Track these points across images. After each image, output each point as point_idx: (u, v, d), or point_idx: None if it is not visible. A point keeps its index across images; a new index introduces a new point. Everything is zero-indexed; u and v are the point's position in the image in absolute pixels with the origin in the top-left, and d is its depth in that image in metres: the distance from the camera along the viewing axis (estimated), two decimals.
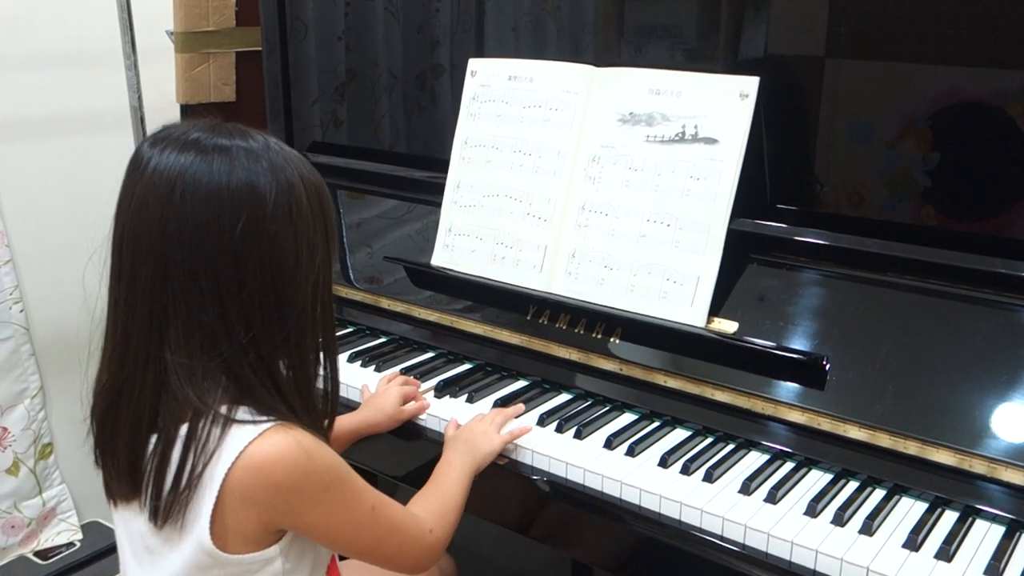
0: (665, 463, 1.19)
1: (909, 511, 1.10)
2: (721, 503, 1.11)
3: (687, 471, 1.18)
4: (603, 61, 1.44)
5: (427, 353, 1.56)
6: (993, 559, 1.01)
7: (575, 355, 1.40)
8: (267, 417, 0.94)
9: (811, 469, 1.19)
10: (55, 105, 2.19)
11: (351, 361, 1.53)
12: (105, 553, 2.23)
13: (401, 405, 1.35)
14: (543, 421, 1.31)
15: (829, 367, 1.20)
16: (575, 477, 1.21)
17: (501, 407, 1.34)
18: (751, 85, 1.29)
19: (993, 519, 1.08)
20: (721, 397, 1.26)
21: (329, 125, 1.87)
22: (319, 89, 1.86)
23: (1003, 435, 1.08)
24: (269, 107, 1.90)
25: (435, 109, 1.71)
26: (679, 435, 1.28)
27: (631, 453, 1.22)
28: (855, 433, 1.16)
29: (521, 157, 1.49)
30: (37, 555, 2.23)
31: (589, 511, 1.18)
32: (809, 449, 1.19)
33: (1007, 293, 1.14)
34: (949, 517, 1.09)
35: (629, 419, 1.32)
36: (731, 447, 1.24)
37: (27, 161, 2.15)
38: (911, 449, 1.12)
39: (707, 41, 1.39)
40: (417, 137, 1.77)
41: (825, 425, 1.18)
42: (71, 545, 2.27)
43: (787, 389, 1.22)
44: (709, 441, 1.26)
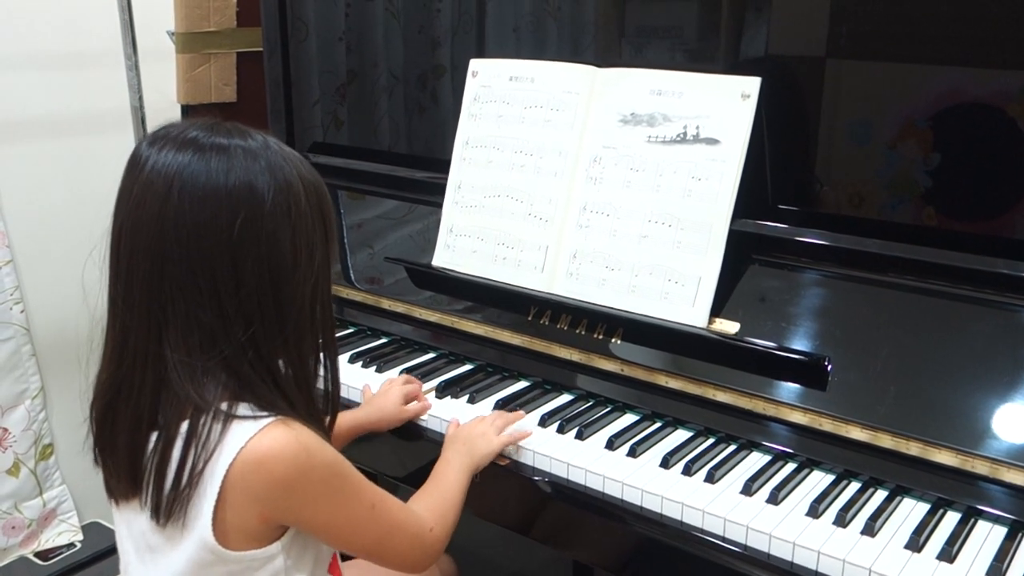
0: (667, 464, 1.19)
1: (911, 512, 1.10)
2: (723, 504, 1.11)
3: (689, 472, 1.18)
4: (604, 62, 1.44)
5: (428, 354, 1.55)
6: (995, 560, 1.01)
7: (576, 356, 1.39)
8: (267, 412, 0.94)
9: (813, 470, 1.19)
10: (56, 105, 2.18)
11: (352, 362, 1.53)
12: (106, 554, 2.22)
13: (403, 404, 1.35)
14: (544, 422, 1.31)
15: (831, 368, 1.20)
16: (576, 478, 1.21)
17: (502, 408, 1.34)
18: (752, 86, 1.28)
19: (995, 520, 1.08)
20: (723, 398, 1.26)
21: (330, 126, 1.87)
22: (320, 90, 1.86)
23: (1005, 436, 1.08)
24: (270, 108, 1.90)
25: (436, 110, 1.71)
26: (681, 436, 1.28)
27: (632, 454, 1.22)
28: (857, 434, 1.15)
29: (522, 158, 1.49)
30: (38, 556, 2.23)
31: (590, 512, 1.18)
32: (811, 450, 1.19)
33: (1008, 293, 1.14)
34: (951, 518, 1.09)
35: (630, 420, 1.32)
36: (733, 448, 1.24)
37: (28, 161, 2.15)
38: (913, 450, 1.12)
39: (708, 42, 1.39)
40: (418, 138, 1.76)
41: (827, 426, 1.18)
42: (72, 546, 2.27)
43: (789, 390, 1.22)
44: (711, 442, 1.25)
